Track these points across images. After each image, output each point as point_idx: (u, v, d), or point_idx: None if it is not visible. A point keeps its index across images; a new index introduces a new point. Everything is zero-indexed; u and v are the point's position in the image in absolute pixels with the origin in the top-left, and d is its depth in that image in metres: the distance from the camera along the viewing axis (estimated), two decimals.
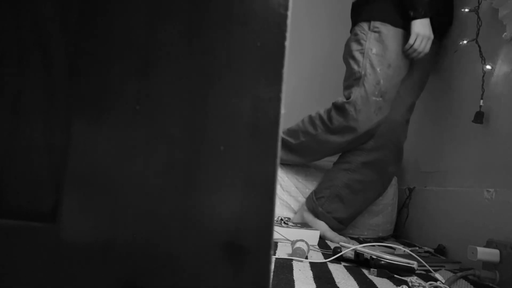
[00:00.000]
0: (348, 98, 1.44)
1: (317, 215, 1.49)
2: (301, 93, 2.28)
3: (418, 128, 1.76)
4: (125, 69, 0.30)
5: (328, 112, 1.48)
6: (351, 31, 1.57)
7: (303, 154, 1.57)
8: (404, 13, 1.44)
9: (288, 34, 0.30)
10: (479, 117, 1.21)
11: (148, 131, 0.30)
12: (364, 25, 1.48)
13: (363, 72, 1.44)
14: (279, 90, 0.30)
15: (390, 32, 1.45)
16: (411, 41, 1.43)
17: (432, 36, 1.43)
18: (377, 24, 1.45)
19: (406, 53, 1.46)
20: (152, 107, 0.30)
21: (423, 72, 1.57)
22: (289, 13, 0.30)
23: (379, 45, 1.45)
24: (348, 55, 1.52)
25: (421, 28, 1.42)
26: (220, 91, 0.30)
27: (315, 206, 1.50)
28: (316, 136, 1.50)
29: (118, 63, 0.30)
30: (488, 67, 1.22)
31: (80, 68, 0.30)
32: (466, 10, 1.36)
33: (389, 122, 1.48)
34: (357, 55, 1.47)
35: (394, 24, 1.45)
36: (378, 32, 1.45)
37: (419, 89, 1.59)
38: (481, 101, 1.21)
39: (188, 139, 0.30)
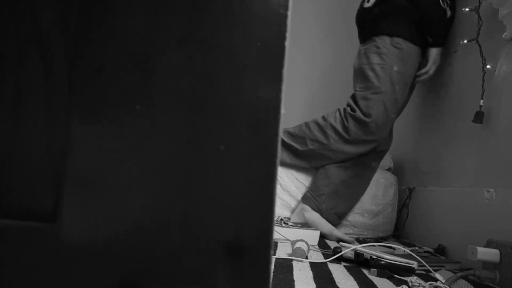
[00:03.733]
0: (366, 111, 1.47)
1: (321, 212, 1.51)
2: (302, 94, 2.28)
3: (418, 128, 1.76)
4: (125, 69, 0.30)
5: (342, 122, 1.50)
6: (367, 41, 1.57)
7: (309, 159, 1.59)
8: (421, 33, 1.50)
9: (288, 34, 0.30)
10: (479, 117, 1.21)
11: (148, 131, 0.30)
12: (386, 39, 1.49)
13: (383, 89, 1.47)
14: (279, 90, 0.30)
15: (410, 50, 1.49)
16: (428, 68, 1.53)
17: (439, 63, 1.55)
18: (399, 40, 1.48)
19: (418, 76, 1.55)
20: (152, 107, 0.30)
21: (411, 88, 1.66)
22: (289, 13, 0.30)
23: (400, 63, 1.48)
24: (367, 66, 1.52)
25: (437, 57, 1.53)
26: (220, 91, 0.30)
27: (319, 204, 1.51)
28: (328, 146, 1.52)
29: (118, 63, 0.30)
30: (489, 66, 1.22)
31: (80, 68, 0.30)
32: (467, 9, 1.36)
33: None
34: (378, 69, 1.49)
35: (413, 41, 1.50)
36: (400, 48, 1.48)
37: (406, 104, 1.67)
38: (481, 101, 1.21)
39: (188, 139, 0.30)
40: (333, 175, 1.54)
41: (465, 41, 1.36)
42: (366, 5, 1.59)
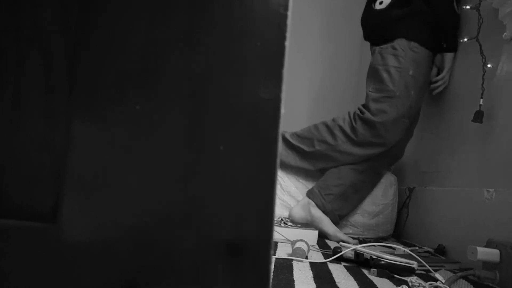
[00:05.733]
0: (376, 113, 1.46)
1: (326, 212, 1.51)
2: (303, 94, 2.28)
3: (418, 128, 1.76)
4: (125, 69, 0.30)
5: (350, 123, 1.50)
6: (381, 43, 1.55)
7: (316, 161, 1.58)
8: (434, 38, 1.50)
9: (288, 34, 0.30)
10: (479, 116, 1.21)
11: (148, 131, 0.30)
12: (404, 42, 1.48)
13: (397, 93, 1.46)
14: (279, 90, 0.30)
15: (425, 55, 1.49)
16: (444, 74, 1.52)
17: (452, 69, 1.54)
18: (416, 45, 1.48)
19: (433, 82, 1.55)
20: (152, 107, 0.30)
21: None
22: (289, 13, 0.30)
23: (416, 67, 1.47)
24: (383, 67, 1.51)
25: (451, 63, 1.52)
26: (220, 91, 0.30)
27: (325, 203, 1.51)
28: (335, 147, 1.51)
29: (118, 63, 0.30)
30: (489, 65, 1.21)
31: (80, 68, 0.30)
32: (467, 7, 1.36)
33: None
34: (394, 72, 1.47)
35: (428, 47, 1.49)
36: (416, 53, 1.48)
37: (420, 109, 1.66)
38: (481, 100, 1.21)
39: (188, 139, 0.30)
40: (345, 176, 1.53)
41: (465, 39, 1.35)
42: (379, 6, 1.57)
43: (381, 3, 1.56)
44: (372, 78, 1.55)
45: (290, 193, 1.65)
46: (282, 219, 1.45)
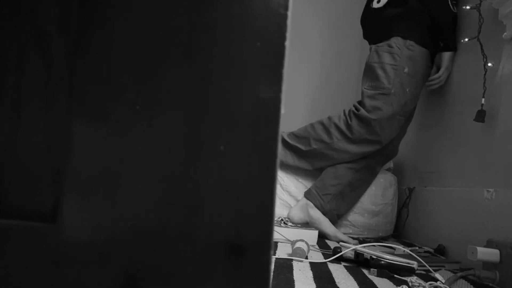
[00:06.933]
0: (371, 110, 1.46)
1: (324, 212, 1.51)
2: (302, 94, 2.29)
3: (418, 128, 1.76)
4: (125, 69, 0.30)
5: (346, 121, 1.50)
6: (378, 41, 1.55)
7: (313, 160, 1.58)
8: (432, 37, 1.50)
9: (288, 34, 0.30)
10: (481, 115, 1.20)
11: (148, 131, 0.30)
12: (400, 40, 1.49)
13: (392, 91, 1.46)
14: (279, 90, 0.30)
15: (421, 53, 1.49)
16: (440, 73, 1.51)
17: (451, 69, 1.54)
18: (412, 43, 1.48)
19: (430, 81, 1.54)
20: (152, 107, 0.30)
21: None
22: (289, 13, 0.30)
23: (411, 65, 1.47)
24: (378, 64, 1.51)
25: (450, 63, 1.51)
26: (220, 91, 0.30)
27: (323, 203, 1.51)
28: (331, 145, 1.52)
29: (118, 63, 0.30)
30: (490, 64, 1.21)
31: (80, 68, 0.30)
32: (468, 7, 1.36)
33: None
34: (389, 69, 1.48)
35: (424, 45, 1.49)
36: (412, 51, 1.48)
37: (415, 108, 1.67)
38: (483, 99, 1.21)
39: (188, 139, 0.30)
40: (342, 176, 1.53)
41: (466, 40, 1.35)
42: (376, 5, 1.57)
43: (378, 1, 1.56)
44: (367, 75, 1.55)
45: (290, 192, 1.65)
46: (282, 219, 1.45)
